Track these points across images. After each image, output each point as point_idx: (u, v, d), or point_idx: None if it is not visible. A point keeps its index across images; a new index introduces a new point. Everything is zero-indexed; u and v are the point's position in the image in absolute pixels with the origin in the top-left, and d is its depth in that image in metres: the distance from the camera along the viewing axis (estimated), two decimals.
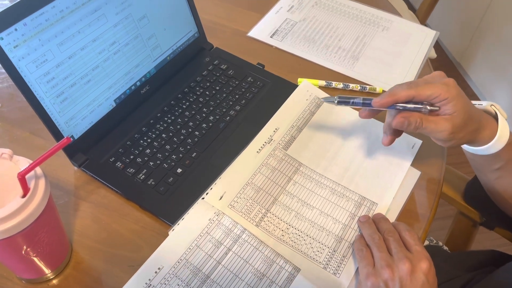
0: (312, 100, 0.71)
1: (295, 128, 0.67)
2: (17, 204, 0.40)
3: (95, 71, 0.61)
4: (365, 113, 0.58)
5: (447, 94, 0.51)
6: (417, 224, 0.60)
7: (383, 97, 0.54)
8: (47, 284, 0.52)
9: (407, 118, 0.53)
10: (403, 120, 0.53)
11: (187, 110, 0.69)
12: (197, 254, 0.54)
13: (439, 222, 1.38)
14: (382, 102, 0.54)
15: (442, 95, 0.51)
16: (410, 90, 0.52)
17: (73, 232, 0.56)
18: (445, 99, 0.51)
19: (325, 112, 0.70)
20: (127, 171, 0.61)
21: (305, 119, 0.69)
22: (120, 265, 0.54)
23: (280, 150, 0.64)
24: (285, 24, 0.86)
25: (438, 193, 0.63)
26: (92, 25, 0.60)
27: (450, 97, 0.51)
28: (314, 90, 0.72)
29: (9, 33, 0.51)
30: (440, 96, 0.51)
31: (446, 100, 0.52)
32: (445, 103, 0.52)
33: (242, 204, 0.58)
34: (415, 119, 0.53)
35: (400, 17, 0.89)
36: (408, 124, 0.53)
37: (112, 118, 0.65)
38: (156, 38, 0.69)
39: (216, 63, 0.76)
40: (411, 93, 0.52)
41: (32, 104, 0.55)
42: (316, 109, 0.70)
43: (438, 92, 0.51)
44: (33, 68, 0.54)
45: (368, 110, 0.58)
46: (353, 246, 0.56)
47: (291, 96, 0.71)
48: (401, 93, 0.53)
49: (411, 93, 0.52)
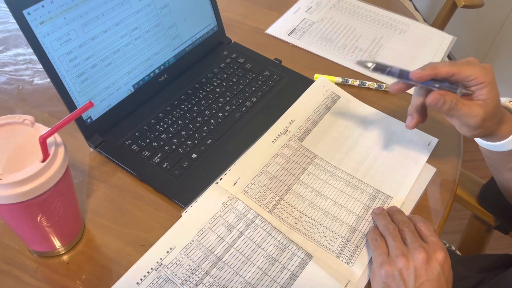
0: (329, 95, 0.71)
1: (311, 121, 0.67)
2: (37, 168, 0.41)
3: (116, 54, 0.62)
4: (398, 86, 0.55)
5: (484, 78, 0.50)
6: (431, 219, 0.59)
7: (423, 69, 0.52)
8: (58, 258, 0.52)
9: (443, 96, 0.51)
10: (439, 97, 0.51)
11: (203, 99, 0.69)
12: (210, 236, 0.54)
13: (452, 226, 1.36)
14: (422, 74, 0.52)
15: (480, 78, 0.50)
16: (452, 66, 0.51)
17: (86, 211, 0.57)
18: (481, 83, 0.51)
19: (341, 107, 0.70)
20: (143, 154, 0.61)
21: (321, 113, 0.69)
22: (132, 244, 0.54)
23: (295, 141, 0.64)
24: (303, 24, 0.87)
25: (453, 190, 0.63)
26: (116, 9, 0.61)
27: (486, 82, 0.51)
28: (331, 86, 0.73)
29: (36, 9, 0.52)
30: (478, 79, 0.51)
31: (482, 84, 0.51)
32: (481, 87, 0.51)
33: (256, 190, 0.58)
34: (451, 99, 0.51)
35: (417, 21, 0.90)
36: (444, 103, 0.51)
37: (130, 103, 0.66)
38: (177, 27, 0.70)
39: (233, 56, 0.77)
40: (452, 69, 0.51)
41: (53, 81, 0.56)
42: (332, 104, 0.70)
43: (477, 74, 0.50)
44: (57, 45, 0.55)
45: (401, 83, 0.55)
46: (367, 236, 0.55)
47: (308, 90, 0.71)
48: (442, 68, 0.51)
49: (453, 69, 0.51)
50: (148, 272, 0.50)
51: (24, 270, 0.51)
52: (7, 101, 0.69)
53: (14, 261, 0.51)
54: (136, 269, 0.50)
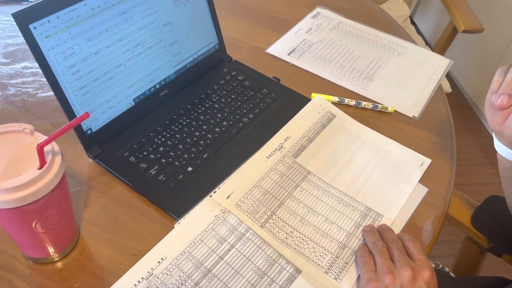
0: (325, 114, 0.73)
1: (306, 139, 0.69)
2: (33, 175, 0.42)
3: (118, 69, 0.64)
4: None
5: None
6: (421, 239, 0.60)
7: None
8: (52, 265, 0.53)
9: None
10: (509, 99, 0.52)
11: (202, 114, 0.71)
12: (201, 248, 0.55)
13: (448, 249, 1.36)
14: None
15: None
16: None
17: (82, 219, 0.58)
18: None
19: (337, 126, 0.71)
20: (140, 166, 0.63)
21: (316, 131, 0.70)
22: (125, 254, 0.55)
23: (289, 158, 0.66)
24: (303, 44, 0.89)
25: (444, 211, 0.63)
26: (120, 25, 0.63)
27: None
28: (327, 105, 0.74)
29: (42, 24, 0.55)
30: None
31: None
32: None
33: (249, 204, 0.59)
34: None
35: (416, 45, 0.92)
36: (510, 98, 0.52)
37: (130, 116, 0.68)
38: (178, 45, 0.73)
39: (233, 74, 0.79)
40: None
41: (56, 93, 0.58)
42: (327, 123, 0.72)
43: None
44: (60, 59, 0.58)
45: None
46: (356, 253, 0.56)
47: (304, 108, 0.73)
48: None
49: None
50: (139, 281, 0.51)
51: (18, 275, 0.52)
52: (12, 111, 0.71)
53: (9, 266, 0.53)
54: (127, 278, 0.51)
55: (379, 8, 1.05)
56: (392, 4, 1.49)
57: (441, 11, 2.14)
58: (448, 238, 1.35)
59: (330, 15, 0.98)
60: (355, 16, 0.98)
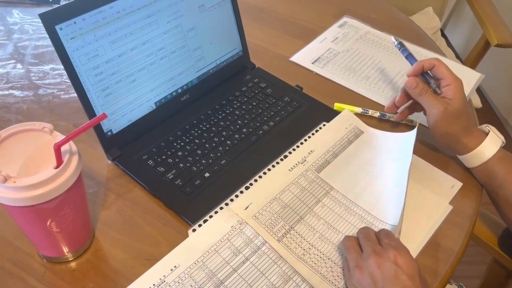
0: (352, 129, 0.71)
1: (331, 153, 0.67)
2: (49, 174, 0.42)
3: (141, 72, 0.65)
4: None
5: (453, 82, 0.63)
6: (443, 259, 0.57)
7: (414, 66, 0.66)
8: (65, 265, 0.53)
9: (417, 81, 0.64)
10: (414, 81, 0.64)
11: (222, 120, 0.70)
12: (215, 258, 0.54)
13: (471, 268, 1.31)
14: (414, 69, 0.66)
15: (449, 80, 0.63)
16: (433, 60, 0.65)
17: (97, 221, 0.58)
18: (449, 85, 0.63)
19: (364, 143, 0.69)
20: (157, 170, 0.62)
21: (342, 146, 0.68)
22: (138, 258, 0.54)
23: (312, 172, 0.64)
24: (328, 53, 0.88)
25: (469, 230, 0.61)
26: (144, 29, 0.63)
27: (453, 85, 0.62)
28: (355, 120, 0.72)
29: (68, 25, 0.56)
30: (447, 79, 0.63)
31: (449, 86, 0.63)
32: (448, 89, 0.63)
33: (267, 217, 0.58)
34: (423, 85, 0.64)
35: (444, 57, 0.89)
36: (416, 86, 0.64)
37: (151, 119, 0.68)
38: (202, 50, 0.73)
39: (256, 81, 0.78)
40: (433, 62, 0.65)
41: (78, 93, 0.59)
42: (354, 139, 0.69)
43: (448, 75, 0.63)
44: (85, 60, 0.58)
45: None
46: None
47: (331, 122, 0.71)
48: (427, 61, 0.65)
49: (434, 62, 0.65)
50: (150, 287, 0.50)
51: (32, 273, 0.52)
52: (37, 110, 0.72)
53: (23, 264, 0.53)
54: (139, 283, 0.51)
55: (408, 19, 1.03)
56: (423, 15, 1.47)
57: (474, 24, 2.09)
58: (474, 259, 1.30)
59: (357, 24, 0.96)
60: (383, 26, 0.96)
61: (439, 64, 0.64)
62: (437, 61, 0.65)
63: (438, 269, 0.56)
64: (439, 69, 0.64)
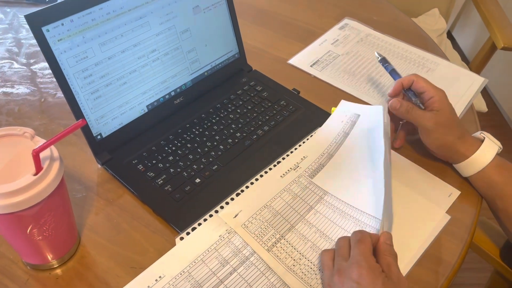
0: (349, 119, 0.68)
1: (325, 156, 0.65)
2: (27, 181, 0.41)
3: (132, 74, 0.63)
4: None
5: (435, 94, 0.62)
6: (439, 270, 0.55)
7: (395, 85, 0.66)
8: (49, 272, 0.52)
9: (400, 102, 0.63)
10: (398, 102, 0.63)
11: (215, 124, 0.69)
12: (201, 269, 0.52)
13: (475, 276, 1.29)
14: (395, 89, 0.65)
15: (431, 93, 0.62)
16: (412, 76, 0.65)
17: (84, 226, 0.57)
18: (432, 97, 0.62)
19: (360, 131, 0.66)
20: (147, 175, 0.61)
21: (338, 143, 0.66)
22: (123, 266, 0.53)
23: (305, 178, 0.62)
24: (327, 56, 0.86)
25: (467, 242, 0.58)
26: (135, 30, 0.62)
27: (437, 96, 0.62)
28: (352, 107, 0.69)
29: (56, 27, 0.54)
30: (429, 92, 0.62)
31: (432, 99, 0.62)
32: (432, 101, 0.62)
33: (257, 225, 0.56)
34: (407, 104, 0.63)
35: (447, 61, 0.87)
36: (401, 106, 0.63)
37: (142, 123, 0.66)
38: (196, 52, 0.71)
39: (252, 84, 0.76)
40: (411, 78, 0.64)
41: (66, 96, 0.57)
42: (350, 129, 0.67)
43: (429, 89, 0.63)
44: (73, 62, 0.57)
45: None
46: None
47: (326, 122, 0.69)
48: (406, 78, 0.65)
49: (412, 78, 0.64)
50: None
51: (14, 280, 0.51)
52: (29, 111, 0.71)
53: (6, 271, 0.52)
54: None
55: (411, 21, 1.01)
56: (429, 17, 1.44)
57: (482, 26, 2.05)
58: (477, 266, 1.28)
59: (358, 27, 0.94)
60: (385, 29, 0.94)
61: (417, 79, 0.64)
62: (415, 76, 0.64)
63: (434, 282, 0.54)
64: (418, 84, 0.64)
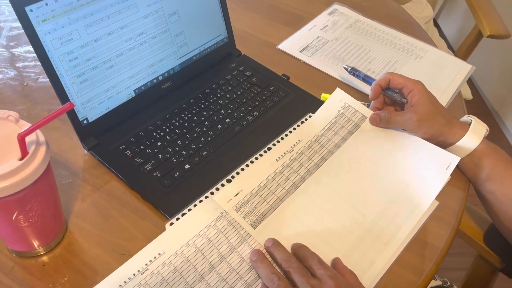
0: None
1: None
2: (12, 166, 0.40)
3: (119, 58, 0.62)
4: None
5: (413, 86, 0.63)
6: (427, 256, 0.56)
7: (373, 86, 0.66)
8: (35, 260, 0.51)
9: (378, 115, 0.65)
10: (376, 117, 0.65)
11: (205, 110, 0.68)
12: (192, 252, 0.51)
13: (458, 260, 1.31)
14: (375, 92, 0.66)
15: (409, 86, 0.63)
16: (388, 75, 0.65)
17: (71, 213, 0.56)
18: (411, 90, 0.63)
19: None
20: (135, 160, 0.60)
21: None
22: (111, 252, 0.52)
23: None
24: (317, 41, 0.85)
25: (455, 227, 0.59)
26: (123, 12, 0.60)
27: (415, 89, 0.62)
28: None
29: (39, 7, 0.52)
30: (407, 87, 0.63)
31: (412, 92, 0.63)
32: (412, 95, 0.63)
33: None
34: (384, 114, 0.64)
35: (436, 48, 0.87)
36: (380, 119, 0.65)
37: (129, 108, 0.65)
38: (185, 36, 0.70)
39: (241, 69, 0.75)
40: (387, 76, 0.65)
41: (51, 80, 0.56)
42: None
43: (407, 83, 0.63)
44: (57, 44, 0.55)
45: None
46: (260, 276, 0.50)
47: (321, 107, 0.68)
48: (383, 78, 0.65)
49: (388, 76, 0.65)
50: (121, 285, 0.48)
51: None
52: (10, 96, 0.69)
53: None
54: (110, 280, 0.48)
55: (400, 7, 1.01)
56: (415, 4, 1.44)
57: (467, 14, 2.07)
58: (459, 250, 1.30)
59: (347, 12, 0.94)
60: (374, 15, 0.93)
61: (393, 77, 0.64)
62: (390, 74, 0.65)
63: (422, 266, 0.55)
64: (395, 81, 0.64)
